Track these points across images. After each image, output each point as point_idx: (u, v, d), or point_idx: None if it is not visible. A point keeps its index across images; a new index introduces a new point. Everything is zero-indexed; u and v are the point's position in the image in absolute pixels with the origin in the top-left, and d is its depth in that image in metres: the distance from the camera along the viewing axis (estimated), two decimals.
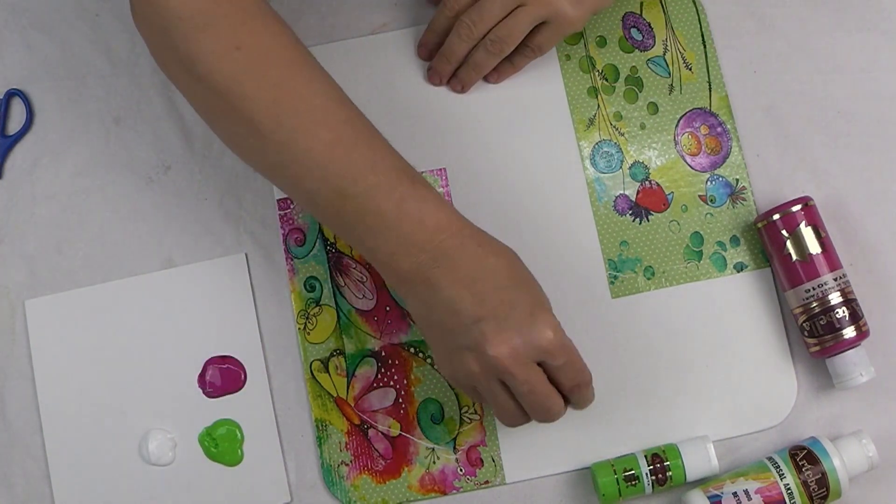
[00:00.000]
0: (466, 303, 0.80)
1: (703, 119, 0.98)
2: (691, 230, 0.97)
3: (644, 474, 0.91)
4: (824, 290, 0.91)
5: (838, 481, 0.89)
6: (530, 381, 0.80)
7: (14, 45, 1.00)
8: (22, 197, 0.98)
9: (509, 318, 0.79)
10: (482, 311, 0.79)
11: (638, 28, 1.00)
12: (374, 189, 0.80)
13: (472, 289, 0.80)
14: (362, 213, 0.81)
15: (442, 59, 0.97)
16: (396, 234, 0.81)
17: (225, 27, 0.80)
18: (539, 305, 0.81)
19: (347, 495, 0.93)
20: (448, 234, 0.81)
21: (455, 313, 0.80)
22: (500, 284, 0.81)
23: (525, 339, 0.79)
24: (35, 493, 0.94)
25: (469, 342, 0.80)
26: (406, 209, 0.80)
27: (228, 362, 0.95)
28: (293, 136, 0.80)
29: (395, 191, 0.81)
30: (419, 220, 0.81)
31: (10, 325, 0.96)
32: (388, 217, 0.80)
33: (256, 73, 0.80)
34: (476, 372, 0.81)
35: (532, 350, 0.80)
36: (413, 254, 0.80)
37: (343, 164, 0.80)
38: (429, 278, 0.80)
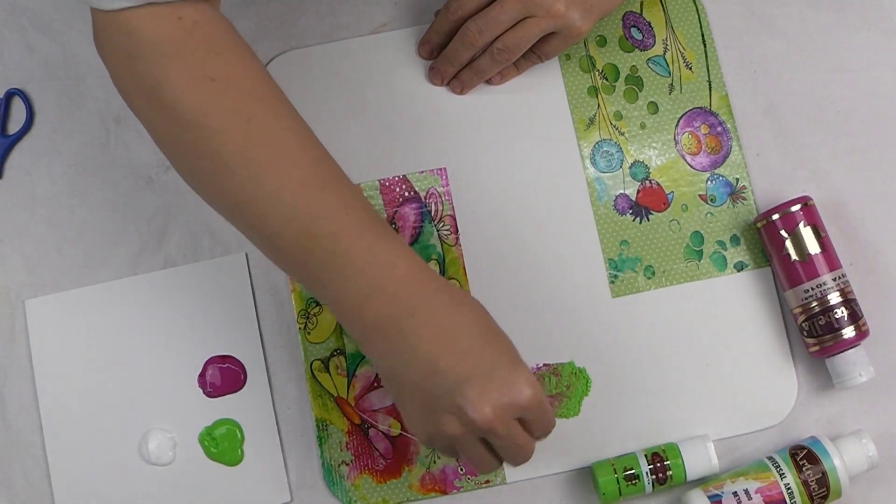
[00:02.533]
0: (445, 363, 0.76)
1: (703, 118, 0.99)
2: (691, 229, 0.97)
3: (644, 473, 0.91)
4: (824, 290, 0.91)
5: (838, 481, 0.89)
6: (511, 437, 0.78)
7: (14, 45, 1.00)
8: (22, 197, 0.98)
9: (490, 378, 0.76)
10: (462, 371, 0.76)
11: (638, 27, 1.00)
12: (345, 230, 0.77)
13: (450, 347, 0.76)
14: (331, 256, 0.76)
15: (445, 61, 0.97)
16: (367, 278, 0.76)
17: (197, 57, 0.76)
18: (515, 359, 0.78)
19: (348, 495, 0.93)
20: (419, 282, 0.77)
21: (433, 373, 0.76)
22: (476, 339, 0.77)
23: (507, 398, 0.76)
24: (35, 493, 0.94)
25: (449, 405, 0.76)
26: (376, 255, 0.77)
27: (228, 362, 0.95)
28: (261, 172, 0.76)
29: (367, 234, 0.77)
30: (390, 265, 0.77)
31: (10, 325, 0.96)
32: (357, 260, 0.76)
33: (227, 106, 0.76)
34: (456, 434, 0.77)
35: (514, 409, 0.77)
36: (383, 301, 0.77)
37: (313, 204, 0.77)
38: (402, 330, 0.76)
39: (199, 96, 0.76)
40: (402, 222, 0.96)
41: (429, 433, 0.79)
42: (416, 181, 0.97)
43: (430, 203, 0.97)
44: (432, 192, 0.97)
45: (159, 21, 0.75)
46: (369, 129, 0.98)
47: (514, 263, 0.96)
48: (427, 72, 0.99)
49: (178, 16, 0.76)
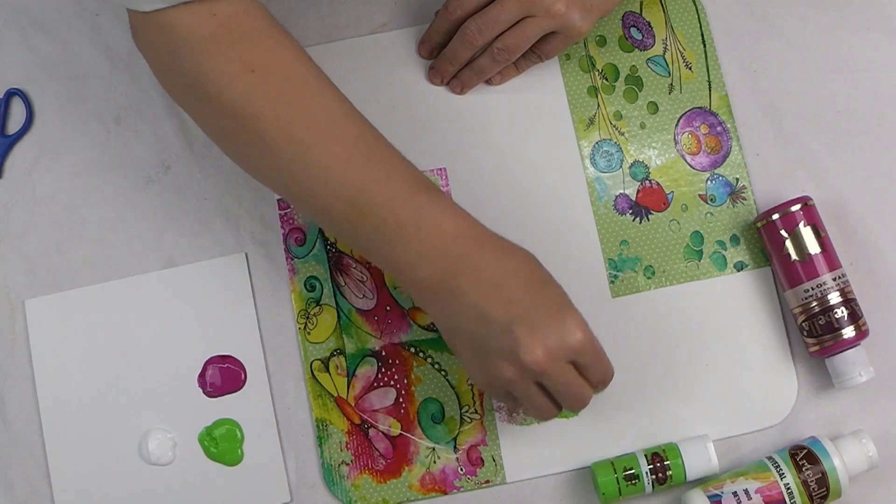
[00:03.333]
0: (495, 308, 0.79)
1: (702, 118, 0.99)
2: (691, 229, 0.97)
3: (644, 473, 0.91)
4: (823, 290, 0.91)
5: (838, 481, 0.89)
6: (566, 380, 0.81)
7: (14, 45, 1.00)
8: (22, 197, 0.98)
9: (539, 321, 0.79)
10: (511, 315, 0.79)
11: (638, 27, 1.00)
12: (391, 200, 0.80)
13: (499, 293, 0.79)
14: (380, 225, 0.80)
15: (444, 61, 0.97)
16: (416, 242, 0.80)
17: (235, 50, 0.78)
18: (565, 305, 0.81)
19: (348, 495, 0.94)
20: (467, 240, 0.81)
21: (483, 319, 0.79)
22: (525, 286, 0.80)
23: (558, 340, 0.79)
24: (35, 493, 0.94)
25: (502, 348, 0.79)
26: (424, 217, 0.80)
27: (228, 362, 0.95)
28: (307, 153, 0.80)
29: (413, 200, 0.80)
30: (437, 227, 0.80)
31: (10, 325, 0.96)
32: (406, 227, 0.80)
33: (269, 93, 0.79)
34: (512, 378, 0.80)
35: (565, 351, 0.80)
36: (434, 261, 0.80)
37: (358, 178, 0.80)
38: (452, 286, 0.80)
39: (241, 87, 0.79)
40: None
41: (487, 380, 0.82)
42: None
43: None
44: None
45: (194, 18, 0.77)
46: None
47: None
48: (427, 72, 0.99)
49: (213, 12, 0.78)
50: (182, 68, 0.79)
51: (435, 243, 0.80)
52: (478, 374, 0.83)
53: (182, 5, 0.77)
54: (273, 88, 0.79)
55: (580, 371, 0.82)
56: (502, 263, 0.81)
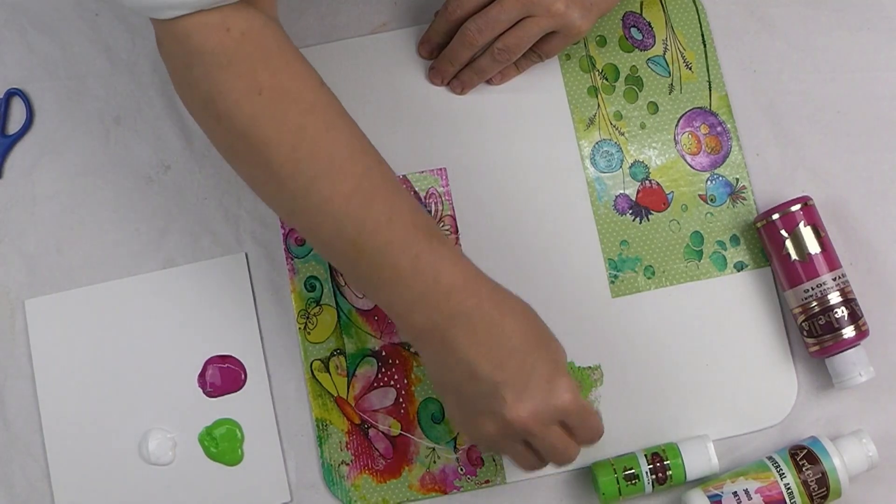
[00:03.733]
0: (485, 368, 0.78)
1: (703, 118, 0.99)
2: (691, 229, 0.97)
3: (644, 473, 0.91)
4: (823, 290, 0.91)
5: (838, 481, 0.89)
6: (550, 439, 0.80)
7: (14, 45, 1.00)
8: (22, 197, 0.98)
9: (529, 384, 0.79)
10: (501, 376, 0.78)
11: (638, 27, 1.00)
12: (390, 245, 0.79)
13: (491, 353, 0.79)
14: (377, 267, 0.79)
15: (445, 61, 0.97)
16: (411, 290, 0.79)
17: (247, 67, 0.77)
18: (557, 367, 0.80)
19: (348, 495, 0.93)
20: (464, 295, 0.79)
21: (473, 377, 0.79)
22: (518, 348, 0.79)
23: (545, 403, 0.79)
24: (35, 493, 0.94)
25: (488, 407, 0.79)
26: (421, 267, 0.79)
27: (228, 362, 0.95)
28: (311, 184, 0.78)
29: (411, 247, 0.79)
30: (434, 278, 0.79)
31: (10, 325, 0.96)
32: (403, 273, 0.79)
33: (276, 117, 0.78)
34: (495, 436, 0.80)
35: (552, 412, 0.79)
36: (427, 312, 0.79)
37: (359, 217, 0.79)
38: (445, 338, 0.79)
39: (250, 108, 0.77)
40: None
41: (470, 434, 0.83)
42: (416, 181, 0.97)
43: (430, 203, 0.97)
44: (432, 192, 0.97)
45: (209, 31, 0.77)
46: (369, 129, 0.97)
47: (514, 263, 0.96)
48: (427, 72, 0.99)
49: (227, 27, 0.77)
50: (196, 82, 0.78)
51: (430, 294, 0.79)
52: (462, 426, 0.83)
53: (198, 15, 0.76)
54: (280, 112, 0.78)
55: (569, 431, 0.81)
56: (498, 322, 0.79)
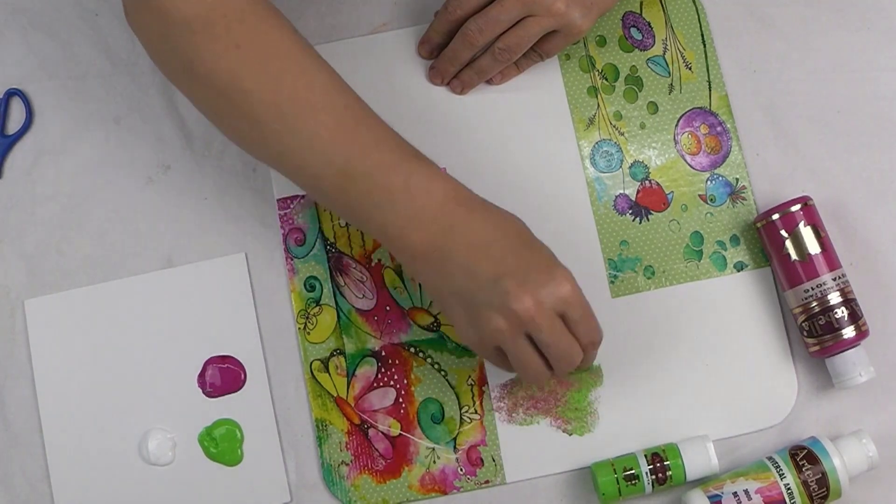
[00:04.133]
0: (484, 264, 0.81)
1: (702, 118, 0.98)
2: (691, 229, 0.97)
3: (644, 473, 0.91)
4: (823, 290, 0.91)
5: (838, 481, 0.89)
6: (555, 331, 0.81)
7: (14, 45, 1.00)
8: (22, 197, 0.98)
9: (529, 274, 0.81)
10: (501, 269, 0.80)
11: (638, 27, 1.00)
12: (381, 165, 0.82)
13: (488, 253, 0.81)
14: (370, 192, 0.81)
15: (445, 61, 0.97)
16: (406, 207, 0.81)
17: (222, 27, 0.80)
18: (553, 262, 0.83)
19: (348, 495, 0.94)
20: (457, 204, 0.82)
21: (473, 275, 0.81)
22: (513, 246, 0.82)
23: (547, 290, 0.80)
24: (35, 493, 0.94)
25: (492, 300, 0.80)
26: (414, 182, 0.81)
27: (228, 362, 0.95)
28: (295, 123, 0.81)
29: (401, 166, 0.82)
30: (427, 192, 0.81)
31: (10, 325, 0.96)
32: (396, 191, 0.81)
33: (255, 67, 0.81)
34: (502, 328, 0.81)
35: (554, 301, 0.81)
36: (424, 226, 0.81)
37: (347, 145, 0.82)
38: (442, 248, 0.81)
39: (229, 64, 0.81)
40: None
41: (478, 337, 0.83)
42: None
43: None
44: None
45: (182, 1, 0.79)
46: None
47: None
48: (427, 72, 0.99)
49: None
50: (173, 49, 0.82)
51: (425, 208, 0.81)
52: (468, 331, 0.83)
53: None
54: (258, 63, 0.81)
55: (570, 328, 0.82)
56: (491, 225, 0.82)
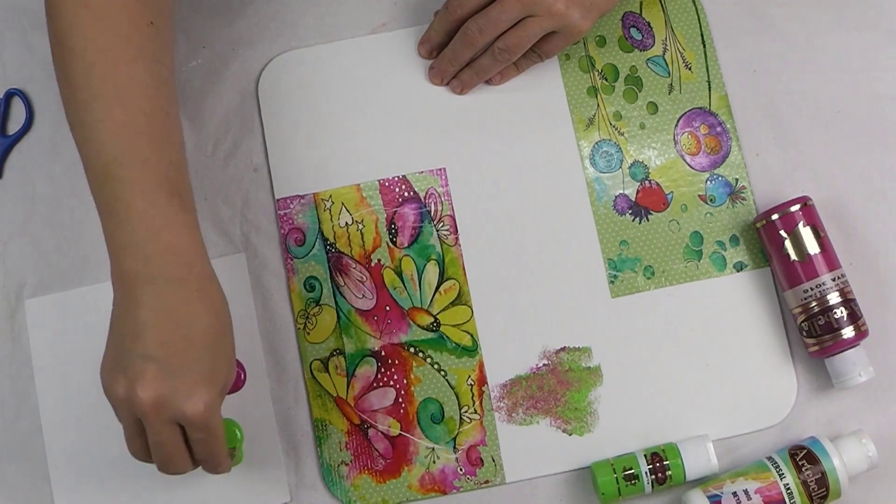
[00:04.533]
0: (150, 337, 0.78)
1: (702, 118, 0.98)
2: (691, 230, 0.97)
3: (644, 473, 0.91)
4: (823, 290, 0.91)
5: (838, 481, 0.89)
6: (161, 437, 0.79)
7: (14, 45, 1.00)
8: (22, 197, 0.98)
9: (175, 374, 0.78)
10: (158, 353, 0.78)
11: (637, 27, 1.00)
12: (134, 182, 0.80)
13: (165, 328, 0.78)
14: (114, 198, 0.80)
15: (445, 61, 0.97)
16: (132, 233, 0.80)
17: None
18: (210, 380, 0.80)
19: (347, 495, 0.94)
20: (175, 263, 0.80)
21: (137, 338, 0.78)
22: (193, 339, 0.79)
23: (175, 398, 0.78)
24: (35, 493, 0.94)
25: (129, 371, 0.78)
26: (152, 215, 0.80)
27: None
28: (92, 101, 0.81)
29: (151, 194, 0.80)
30: (157, 232, 0.79)
31: (10, 325, 0.96)
32: (132, 213, 0.79)
33: (88, 33, 0.82)
34: (121, 398, 0.79)
35: (175, 412, 0.78)
36: (135, 259, 0.79)
37: (120, 148, 0.80)
38: (136, 293, 0.79)
39: (72, 17, 0.82)
40: (401, 222, 0.97)
41: (104, 383, 0.81)
42: (416, 181, 0.97)
43: (430, 203, 0.97)
44: (432, 192, 0.97)
45: None
46: (369, 129, 0.98)
47: (514, 263, 0.96)
48: (427, 72, 0.99)
49: None
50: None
51: (146, 244, 0.79)
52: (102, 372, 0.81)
53: None
54: (93, 31, 0.82)
55: (188, 440, 0.80)
56: (191, 305, 0.80)
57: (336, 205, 0.97)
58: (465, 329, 0.95)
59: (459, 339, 0.95)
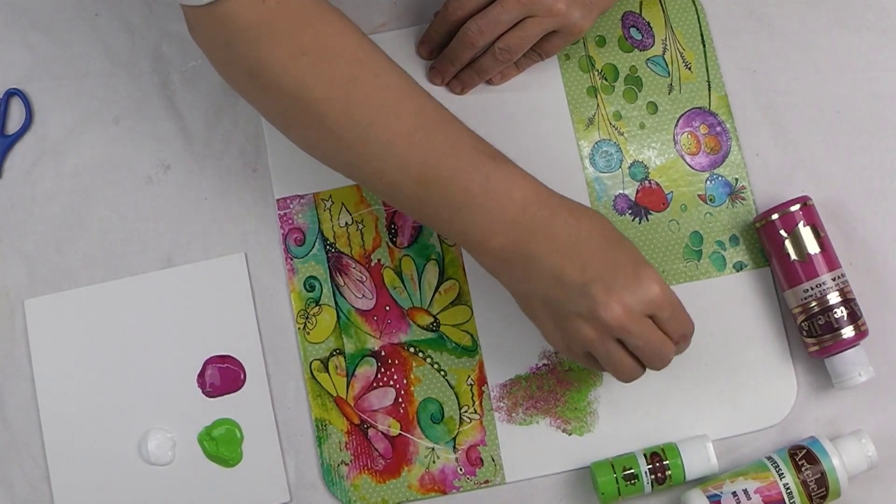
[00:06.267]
0: (570, 270, 0.80)
1: (702, 118, 0.98)
2: (691, 230, 0.97)
3: (643, 473, 0.91)
4: (823, 290, 0.91)
5: (838, 481, 0.89)
6: (645, 335, 0.81)
7: (14, 45, 1.00)
8: (22, 197, 0.98)
9: (615, 279, 0.80)
10: (587, 276, 0.80)
11: (637, 27, 1.00)
12: (458, 171, 0.81)
13: (573, 256, 0.80)
14: (448, 198, 0.81)
15: (445, 61, 0.97)
16: (486, 212, 0.81)
17: (288, 34, 0.80)
18: (639, 262, 0.82)
19: (347, 495, 0.94)
20: (538, 206, 0.81)
21: (560, 283, 0.80)
22: (599, 248, 0.81)
23: (635, 296, 0.80)
24: (35, 493, 0.94)
25: (580, 308, 0.80)
26: (492, 186, 0.81)
27: (228, 362, 0.95)
28: (368, 131, 0.80)
29: (479, 170, 0.81)
30: (507, 195, 0.81)
31: (9, 325, 0.96)
32: (475, 196, 0.81)
33: (323, 74, 0.80)
34: (591, 337, 0.81)
35: (643, 305, 0.80)
36: (506, 230, 0.81)
37: (422, 152, 0.81)
38: (526, 253, 0.81)
39: (296, 71, 0.80)
40: (401, 222, 0.97)
41: (566, 343, 0.83)
42: None
43: None
44: None
45: (246, 8, 0.79)
46: None
47: None
48: (427, 72, 0.99)
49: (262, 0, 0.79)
50: (239, 58, 0.81)
51: (505, 212, 0.81)
52: (556, 338, 0.83)
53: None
54: (326, 70, 0.80)
55: (660, 325, 0.82)
56: (575, 227, 0.81)
57: (336, 205, 0.97)
58: (464, 329, 0.95)
59: (459, 339, 0.95)
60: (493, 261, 0.83)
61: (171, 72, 0.99)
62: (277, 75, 0.80)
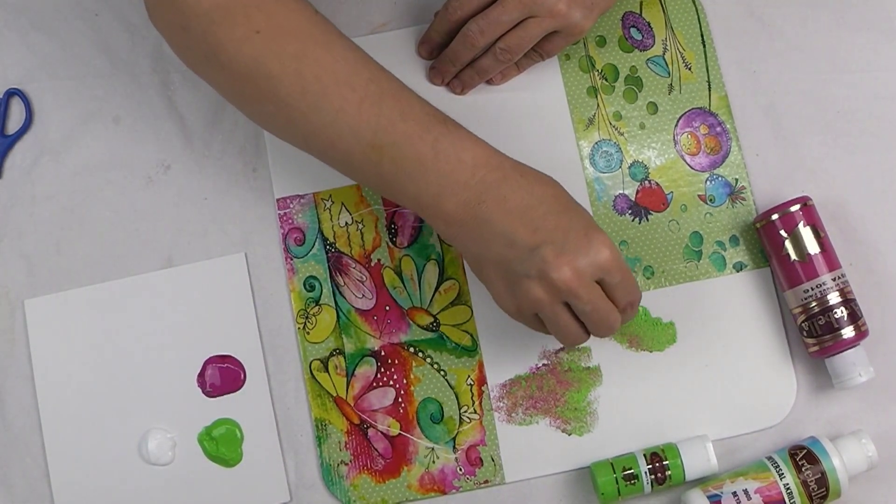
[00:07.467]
0: (522, 232, 0.81)
1: (702, 119, 0.98)
2: (691, 230, 0.97)
3: (643, 473, 0.91)
4: (823, 291, 0.91)
5: (838, 481, 0.89)
6: (593, 300, 0.81)
7: (14, 45, 1.00)
8: (22, 197, 0.98)
9: (567, 242, 0.80)
10: (538, 238, 0.80)
11: (637, 27, 1.00)
12: (408, 135, 0.82)
13: (525, 218, 0.81)
14: (400, 163, 0.82)
15: (445, 61, 0.97)
16: (437, 174, 0.82)
17: (242, 15, 0.81)
18: (591, 226, 0.82)
19: (347, 495, 0.94)
20: (489, 168, 0.82)
21: (511, 244, 0.81)
22: (551, 211, 0.82)
23: (585, 259, 0.80)
24: (35, 493, 0.94)
25: (530, 270, 0.80)
26: (442, 149, 0.82)
27: (228, 362, 0.95)
28: (320, 101, 0.82)
29: (429, 133, 0.82)
30: (457, 158, 0.82)
31: (9, 325, 0.96)
32: (425, 160, 0.82)
33: (276, 50, 0.82)
34: (541, 298, 0.81)
35: (593, 269, 0.81)
36: (457, 192, 0.82)
37: (373, 118, 0.82)
38: (478, 215, 0.81)
39: (250, 50, 0.82)
40: (401, 222, 0.97)
41: (516, 305, 0.83)
42: None
43: None
44: None
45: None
46: None
47: None
48: (427, 72, 0.99)
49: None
50: (195, 41, 0.83)
51: (456, 175, 0.82)
52: (506, 299, 0.83)
53: None
54: (279, 46, 0.82)
55: (609, 291, 0.82)
56: (527, 190, 0.82)
57: (336, 204, 0.97)
58: (464, 329, 0.95)
59: (459, 339, 0.95)
60: (447, 225, 0.83)
61: (171, 72, 0.99)
62: (233, 55, 0.82)
